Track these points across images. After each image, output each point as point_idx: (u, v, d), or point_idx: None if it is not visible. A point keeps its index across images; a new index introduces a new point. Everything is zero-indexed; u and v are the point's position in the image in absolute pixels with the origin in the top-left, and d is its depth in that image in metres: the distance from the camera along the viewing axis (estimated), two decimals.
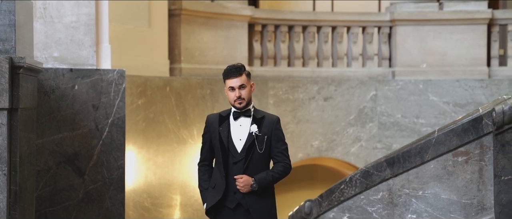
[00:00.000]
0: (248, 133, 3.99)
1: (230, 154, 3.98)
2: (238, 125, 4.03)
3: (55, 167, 5.14)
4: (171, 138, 7.59)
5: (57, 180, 5.14)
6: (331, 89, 8.79)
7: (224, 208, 3.97)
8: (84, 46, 5.35)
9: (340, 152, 8.78)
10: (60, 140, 5.15)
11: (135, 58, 7.23)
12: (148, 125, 7.36)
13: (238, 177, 3.93)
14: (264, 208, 3.97)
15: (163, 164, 7.50)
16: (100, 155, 5.21)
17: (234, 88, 4.02)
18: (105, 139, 5.23)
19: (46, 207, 5.14)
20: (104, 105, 5.25)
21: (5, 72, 3.76)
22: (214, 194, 3.98)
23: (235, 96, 4.00)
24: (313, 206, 5.53)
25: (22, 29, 4.16)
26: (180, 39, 8.11)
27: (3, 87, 3.78)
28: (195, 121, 7.76)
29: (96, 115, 5.23)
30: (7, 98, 3.79)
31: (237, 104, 4.01)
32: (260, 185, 3.94)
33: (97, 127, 5.22)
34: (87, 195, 5.19)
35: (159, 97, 7.51)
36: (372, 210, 5.20)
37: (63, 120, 5.16)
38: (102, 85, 5.24)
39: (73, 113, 5.18)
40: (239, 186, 3.92)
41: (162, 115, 7.53)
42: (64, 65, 5.29)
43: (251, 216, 3.96)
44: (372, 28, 9.13)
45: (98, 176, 5.21)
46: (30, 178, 4.37)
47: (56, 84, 5.16)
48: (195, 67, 8.19)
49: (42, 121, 5.11)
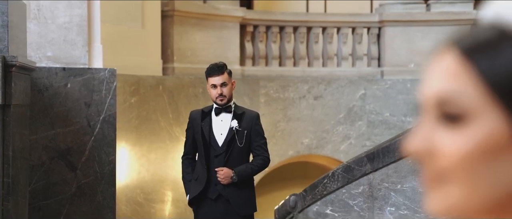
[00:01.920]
0: (228, 128, 4.20)
1: (211, 147, 4.19)
2: (219, 120, 4.24)
3: (48, 162, 5.35)
4: (163, 136, 7.79)
5: (50, 174, 5.34)
6: (321, 88, 8.99)
7: (206, 199, 4.19)
8: (76, 46, 5.56)
9: (330, 150, 8.98)
10: (53, 136, 5.36)
11: (128, 58, 7.44)
12: (141, 123, 7.57)
13: (219, 169, 4.15)
14: (244, 198, 4.19)
15: (156, 160, 7.70)
16: (92, 150, 5.41)
17: (216, 86, 4.23)
18: (97, 135, 5.43)
19: (40, 200, 5.34)
20: (96, 102, 5.45)
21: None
22: (197, 186, 4.19)
23: (217, 93, 4.22)
24: (297, 200, 5.74)
25: (15, 30, 4.37)
26: (173, 40, 8.31)
27: None
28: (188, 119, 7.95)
29: (88, 112, 5.43)
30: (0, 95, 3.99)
31: (219, 101, 4.22)
32: (240, 177, 4.16)
33: (89, 124, 5.43)
34: (79, 189, 5.39)
35: (152, 96, 7.72)
36: (353, 203, 5.41)
37: (56, 117, 5.36)
38: (94, 83, 5.45)
39: (66, 110, 5.38)
40: (220, 178, 4.13)
41: (155, 113, 7.74)
42: (57, 64, 5.50)
43: (231, 206, 4.17)
44: (362, 29, 9.34)
45: (90, 170, 5.41)
46: (23, 171, 4.57)
47: (49, 82, 5.37)
48: (187, 67, 8.39)
49: (36, 117, 5.31)
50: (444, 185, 0.74)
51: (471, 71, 0.73)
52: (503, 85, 0.72)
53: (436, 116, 0.75)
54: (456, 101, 0.73)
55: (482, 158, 0.73)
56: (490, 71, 0.72)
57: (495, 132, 0.72)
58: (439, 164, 0.74)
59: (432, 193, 0.75)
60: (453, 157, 0.73)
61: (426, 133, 0.75)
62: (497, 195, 0.73)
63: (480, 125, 0.72)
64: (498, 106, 0.72)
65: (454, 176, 0.74)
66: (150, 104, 7.69)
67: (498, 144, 0.72)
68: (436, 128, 0.75)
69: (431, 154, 0.74)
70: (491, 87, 0.72)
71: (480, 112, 0.72)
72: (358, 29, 9.35)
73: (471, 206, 0.74)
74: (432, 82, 0.76)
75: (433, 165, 0.75)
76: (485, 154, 0.72)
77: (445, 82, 0.74)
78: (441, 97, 0.74)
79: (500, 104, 0.72)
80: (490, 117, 0.72)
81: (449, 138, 0.73)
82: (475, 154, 0.72)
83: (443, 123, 0.74)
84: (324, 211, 5.53)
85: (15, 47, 4.32)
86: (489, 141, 0.72)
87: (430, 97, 0.76)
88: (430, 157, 0.75)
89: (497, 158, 0.72)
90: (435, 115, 0.75)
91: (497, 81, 0.72)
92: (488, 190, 0.73)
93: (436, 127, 0.75)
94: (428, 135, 0.75)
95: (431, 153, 0.74)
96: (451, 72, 0.74)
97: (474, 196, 0.73)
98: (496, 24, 0.74)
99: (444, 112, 0.74)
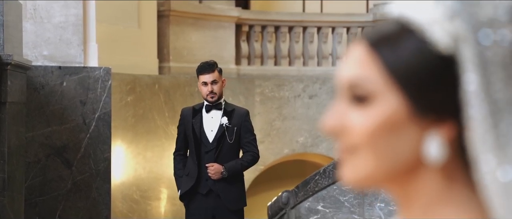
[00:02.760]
0: (219, 125, 4.30)
1: (202, 144, 4.29)
2: (210, 117, 4.34)
3: (44, 159, 5.45)
4: (160, 134, 7.89)
5: (46, 171, 5.44)
6: (316, 87, 9.09)
7: (197, 194, 4.29)
8: (72, 45, 5.66)
9: (324, 148, 9.07)
10: (49, 133, 5.46)
11: (124, 57, 7.54)
12: (137, 121, 7.67)
13: (209, 165, 4.24)
14: (234, 193, 4.29)
15: (152, 158, 7.80)
16: (87, 147, 5.51)
17: (206, 83, 4.33)
18: (92, 132, 5.53)
19: (36, 196, 5.44)
20: (91, 100, 5.55)
21: None
22: (188, 181, 4.30)
23: (207, 91, 4.32)
24: (290, 196, 5.84)
25: (11, 29, 4.47)
26: (169, 39, 8.42)
27: None
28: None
29: (83, 110, 5.53)
30: None
31: (210, 98, 4.32)
32: (230, 173, 4.26)
33: (85, 122, 5.52)
34: (75, 185, 5.49)
35: (148, 95, 7.81)
36: (344, 200, 5.51)
37: (52, 115, 5.46)
38: (89, 82, 5.54)
39: (62, 108, 5.48)
40: (210, 173, 4.23)
41: (151, 111, 7.83)
42: (53, 63, 5.60)
43: (222, 201, 4.27)
44: (356, 28, 9.44)
45: (85, 167, 5.51)
46: (19, 168, 4.67)
47: (45, 80, 5.47)
48: (183, 66, 8.49)
49: (32, 115, 5.41)
50: (354, 158, 0.86)
51: (376, 59, 0.85)
52: (401, 72, 0.84)
53: (348, 97, 0.87)
54: (363, 85, 0.85)
55: (384, 134, 0.84)
56: (391, 60, 0.85)
57: (395, 112, 0.84)
58: (350, 139, 0.86)
59: (344, 165, 0.87)
60: (360, 133, 0.85)
61: (340, 112, 0.87)
62: (398, 165, 0.85)
63: (382, 106, 0.84)
64: (398, 89, 0.84)
65: (361, 150, 0.85)
66: (147, 103, 7.78)
67: (397, 122, 0.84)
68: (349, 108, 0.87)
69: (343, 131, 0.86)
70: (391, 73, 0.84)
71: (383, 95, 0.84)
72: (352, 29, 9.45)
73: (377, 176, 0.85)
74: (345, 69, 0.88)
75: (345, 140, 0.86)
76: (386, 130, 0.84)
77: (355, 68, 0.86)
78: (352, 81, 0.86)
79: (399, 88, 0.84)
80: (390, 99, 0.84)
81: (357, 117, 0.85)
82: (378, 130, 0.84)
83: (354, 103, 0.86)
84: (315, 207, 5.63)
85: (11, 46, 4.42)
86: (389, 119, 0.84)
87: (343, 81, 0.88)
88: (343, 133, 0.86)
89: (397, 134, 0.84)
90: (347, 97, 0.87)
91: (397, 68, 0.84)
92: (390, 161, 0.85)
93: (348, 107, 0.87)
94: (341, 114, 0.87)
95: (343, 129, 0.86)
96: (360, 60, 0.86)
97: (378, 166, 0.85)
98: (399, 20, 0.86)
99: (354, 94, 0.86)
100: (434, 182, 0.85)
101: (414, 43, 0.84)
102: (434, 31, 0.83)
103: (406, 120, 0.84)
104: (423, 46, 0.84)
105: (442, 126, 0.84)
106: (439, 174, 0.85)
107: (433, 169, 0.85)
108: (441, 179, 0.85)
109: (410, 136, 0.84)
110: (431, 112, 0.84)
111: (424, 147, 0.84)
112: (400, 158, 0.84)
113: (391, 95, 0.84)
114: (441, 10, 0.83)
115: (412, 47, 0.84)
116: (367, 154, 0.85)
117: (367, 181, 0.86)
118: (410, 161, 0.85)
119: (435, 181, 0.85)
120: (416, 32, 0.84)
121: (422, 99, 0.84)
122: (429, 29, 0.84)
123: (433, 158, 0.83)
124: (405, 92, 0.84)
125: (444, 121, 0.84)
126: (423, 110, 0.84)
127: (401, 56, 0.84)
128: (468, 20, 0.82)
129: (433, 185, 0.85)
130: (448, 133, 0.84)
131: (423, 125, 0.84)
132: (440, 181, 0.85)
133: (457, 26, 0.82)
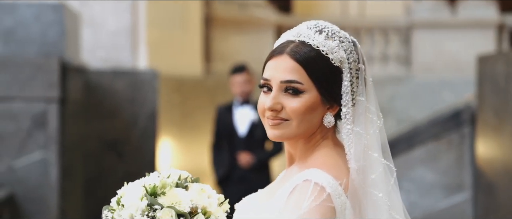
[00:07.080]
0: (249, 119, 4.89)
1: (235, 136, 4.89)
2: (241, 113, 4.93)
3: (99, 151, 6.11)
4: (204, 131, 8.51)
5: (101, 162, 6.10)
6: None
7: (230, 180, 4.89)
8: (124, 49, 6.31)
9: None
10: (104, 129, 6.12)
11: (171, 60, 8.19)
12: (183, 120, 8.30)
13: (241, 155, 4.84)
14: (263, 179, 4.88)
15: (197, 153, 8.43)
16: (136, 142, 6.16)
17: (238, 83, 4.92)
18: (141, 129, 6.18)
19: (93, 185, 6.11)
20: (140, 100, 6.19)
21: (55, 70, 4.74)
22: (223, 169, 4.90)
23: (239, 90, 4.91)
24: None
25: (71, 35, 5.14)
26: (213, 43, 9.04)
27: (54, 82, 4.76)
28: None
29: (133, 108, 6.17)
30: (57, 91, 4.76)
31: (241, 96, 4.91)
32: (259, 161, 4.84)
33: (134, 119, 6.17)
34: (126, 175, 6.14)
35: (193, 95, 8.44)
36: None
37: (106, 112, 6.12)
38: (138, 83, 6.19)
39: (114, 107, 6.13)
40: (242, 162, 4.82)
41: (196, 110, 8.46)
42: (107, 65, 6.26)
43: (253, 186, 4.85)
44: (391, 31, 9.91)
45: (135, 159, 6.16)
46: (77, 157, 5.34)
47: (100, 82, 6.13)
48: (226, 68, 9.09)
49: (89, 112, 6.08)
50: (285, 125, 1.53)
51: (303, 70, 1.53)
52: (318, 78, 1.52)
53: (281, 90, 1.54)
54: (298, 84, 1.58)
55: (307, 112, 1.53)
56: (312, 71, 1.52)
57: (314, 100, 1.58)
58: (283, 115, 1.52)
59: (273, 129, 1.48)
60: (294, 111, 1.52)
61: (276, 98, 1.54)
62: (310, 129, 1.59)
63: (308, 96, 1.58)
64: (315, 88, 1.52)
65: (292, 120, 1.52)
66: (192, 102, 8.41)
67: (314, 106, 1.58)
68: (281, 95, 1.53)
69: (278, 109, 1.52)
70: (312, 79, 1.53)
71: (308, 90, 1.58)
72: (388, 32, 9.92)
73: (297, 133, 1.54)
74: (279, 74, 1.53)
75: (281, 114, 1.51)
76: (308, 110, 1.53)
77: (291, 74, 1.55)
78: (290, 82, 1.53)
79: (316, 87, 1.53)
80: (312, 93, 1.58)
81: (291, 102, 1.53)
82: (303, 110, 1.52)
83: (287, 93, 1.53)
84: None
85: (70, 51, 5.09)
86: (311, 104, 1.53)
87: (278, 81, 1.53)
88: (277, 111, 1.52)
89: (313, 112, 1.58)
90: (280, 90, 1.53)
91: (315, 76, 1.52)
92: (307, 127, 1.53)
93: (281, 95, 1.53)
94: (277, 99, 1.53)
95: (278, 109, 1.52)
96: (294, 70, 1.55)
97: (300, 129, 1.58)
98: (314, 47, 1.56)
99: (288, 88, 1.53)
100: (321, 135, 1.57)
101: (324, 62, 1.52)
102: (333, 56, 1.54)
103: (319, 105, 1.55)
104: (328, 63, 1.53)
105: (333, 107, 1.54)
106: (324, 131, 1.57)
107: (324, 129, 1.56)
108: (325, 134, 1.58)
109: (319, 113, 1.56)
110: (330, 100, 1.54)
111: (324, 119, 1.54)
112: (312, 125, 1.55)
113: (312, 91, 1.54)
114: (335, 44, 1.54)
115: (323, 64, 1.52)
116: (295, 123, 1.55)
117: (289, 138, 1.55)
118: (316, 126, 1.55)
119: (322, 135, 1.58)
120: (324, 56, 1.53)
121: (327, 93, 1.54)
122: (330, 55, 1.54)
123: (327, 124, 1.54)
124: (319, 89, 1.54)
125: (334, 104, 1.54)
126: (327, 99, 1.55)
127: (318, 69, 1.53)
128: (345, 52, 1.55)
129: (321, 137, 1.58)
130: (335, 111, 1.55)
131: (326, 107, 1.55)
132: (324, 135, 1.57)
133: (341, 54, 1.53)
